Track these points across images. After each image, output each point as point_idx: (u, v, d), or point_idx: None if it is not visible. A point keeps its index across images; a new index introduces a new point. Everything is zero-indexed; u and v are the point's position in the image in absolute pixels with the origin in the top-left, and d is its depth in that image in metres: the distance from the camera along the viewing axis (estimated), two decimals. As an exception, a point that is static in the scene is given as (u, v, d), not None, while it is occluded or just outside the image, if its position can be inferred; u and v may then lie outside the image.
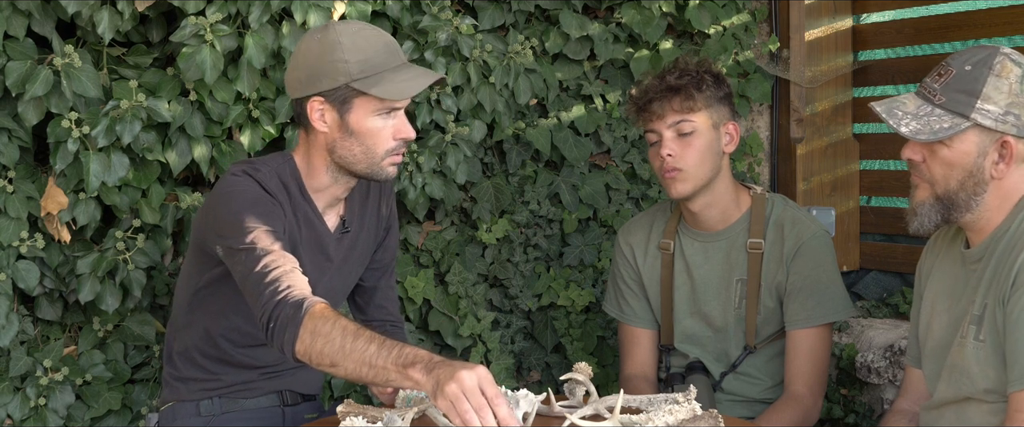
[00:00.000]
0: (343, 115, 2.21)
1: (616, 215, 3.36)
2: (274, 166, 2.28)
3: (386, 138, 2.23)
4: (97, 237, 2.80)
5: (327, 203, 2.35)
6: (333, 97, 2.20)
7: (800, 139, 3.55)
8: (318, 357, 1.93)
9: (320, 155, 2.27)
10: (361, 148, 2.23)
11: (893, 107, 2.05)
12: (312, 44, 2.22)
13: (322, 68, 2.19)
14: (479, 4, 3.22)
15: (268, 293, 2.01)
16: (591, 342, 3.32)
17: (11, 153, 2.62)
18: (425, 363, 1.84)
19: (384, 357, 1.87)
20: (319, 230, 2.33)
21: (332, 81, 2.18)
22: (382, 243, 2.54)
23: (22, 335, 2.74)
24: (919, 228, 2.08)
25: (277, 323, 1.98)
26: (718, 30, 3.44)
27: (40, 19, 2.62)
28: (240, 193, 2.19)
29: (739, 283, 2.66)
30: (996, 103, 1.97)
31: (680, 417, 1.93)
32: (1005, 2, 3.18)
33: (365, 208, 2.45)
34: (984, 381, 2.02)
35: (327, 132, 2.24)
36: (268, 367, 2.42)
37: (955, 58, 2.03)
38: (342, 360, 1.91)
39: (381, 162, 2.25)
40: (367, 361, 1.89)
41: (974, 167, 2.01)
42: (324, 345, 1.92)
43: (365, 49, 2.19)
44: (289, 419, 2.45)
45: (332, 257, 2.37)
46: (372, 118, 2.21)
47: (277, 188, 2.25)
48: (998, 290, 1.99)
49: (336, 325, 1.93)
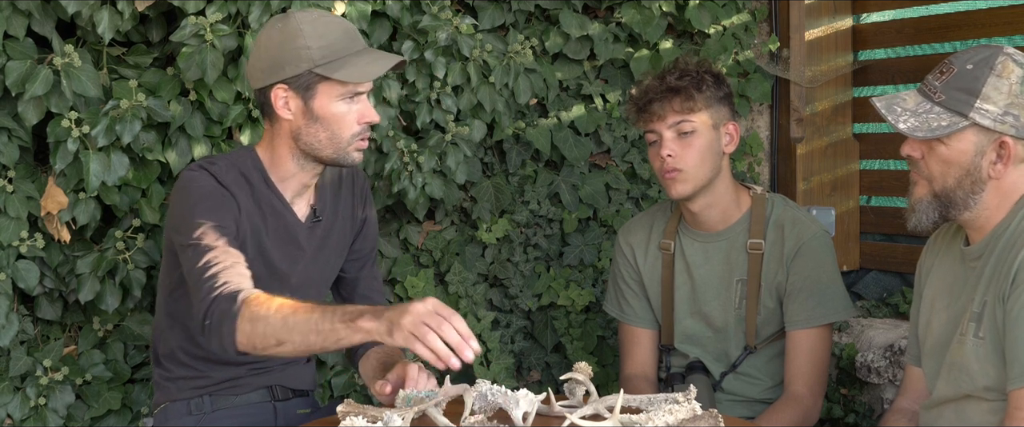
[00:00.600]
0: (307, 101, 2.24)
1: (616, 215, 3.36)
2: (233, 159, 2.31)
3: (351, 123, 2.26)
4: (97, 237, 2.80)
5: (295, 192, 2.36)
6: (296, 84, 2.23)
7: (800, 139, 3.55)
8: (262, 340, 1.95)
9: (285, 143, 2.29)
10: (326, 134, 2.26)
11: (893, 103, 2.05)
12: (273, 33, 2.25)
13: (284, 56, 2.22)
14: (479, 4, 3.22)
15: (205, 290, 2.05)
16: (591, 342, 3.32)
17: (11, 153, 2.62)
18: (372, 311, 1.88)
19: (330, 319, 1.90)
20: (288, 220, 2.35)
21: (295, 68, 2.21)
22: (360, 233, 2.55)
23: (22, 335, 2.74)
24: (917, 225, 2.09)
25: (213, 319, 2.01)
26: (718, 30, 3.44)
27: (40, 19, 2.62)
28: (191, 188, 2.22)
29: (739, 283, 2.66)
30: (995, 103, 1.97)
31: (680, 417, 1.92)
32: (1005, 2, 3.18)
33: (338, 197, 2.46)
34: (984, 379, 2.02)
35: (292, 119, 2.26)
36: (255, 362, 2.42)
37: (958, 57, 2.03)
38: (287, 335, 1.93)
39: (347, 147, 2.27)
40: (313, 328, 1.91)
41: (972, 166, 2.01)
42: (265, 327, 1.94)
43: (326, 35, 2.22)
44: (280, 414, 2.45)
45: (304, 246, 2.38)
46: (336, 103, 2.24)
47: (234, 180, 2.27)
48: (998, 287, 1.99)
49: (271, 304, 1.96)
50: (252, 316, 1.96)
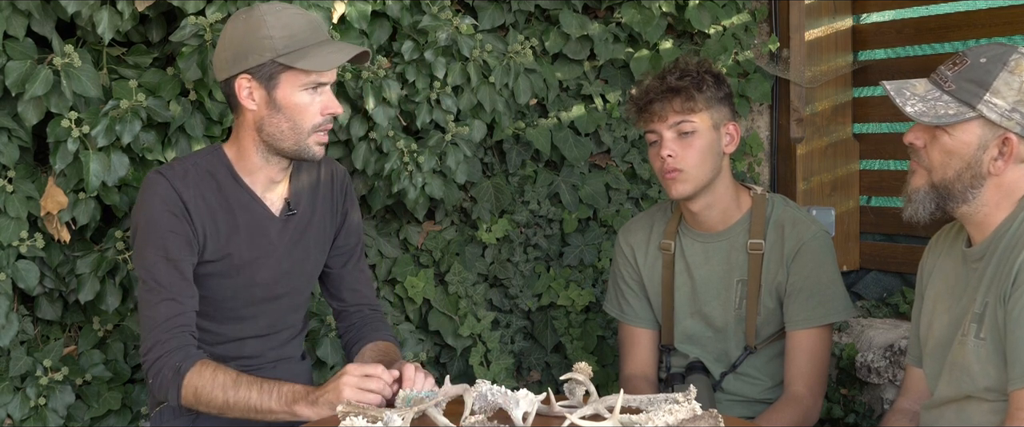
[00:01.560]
0: (270, 91, 2.26)
1: (616, 215, 3.36)
2: (198, 158, 2.36)
3: (313, 113, 2.29)
4: (97, 237, 2.80)
5: (264, 186, 2.37)
6: (260, 73, 2.25)
7: (800, 139, 3.55)
8: (206, 408, 2.18)
9: (249, 135, 2.32)
10: (288, 124, 2.28)
11: (903, 88, 2.06)
12: (238, 24, 2.28)
13: (248, 46, 2.24)
14: (479, 4, 3.22)
15: (151, 340, 2.22)
16: (591, 342, 3.32)
17: (11, 153, 2.62)
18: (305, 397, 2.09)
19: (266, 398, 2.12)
20: (257, 213, 2.36)
21: (258, 57, 2.24)
22: (342, 228, 2.55)
23: (22, 335, 2.74)
24: (912, 215, 2.08)
25: (158, 380, 2.20)
26: (718, 30, 3.44)
27: (40, 19, 2.62)
28: (146, 206, 2.29)
29: (739, 283, 2.66)
30: (1004, 98, 1.98)
31: (680, 417, 1.92)
32: (1005, 2, 3.18)
33: (316, 192, 2.47)
34: (985, 379, 2.02)
35: (255, 110, 2.29)
36: (247, 358, 2.42)
37: (973, 50, 2.04)
38: (228, 410, 2.15)
39: (307, 139, 2.30)
40: (252, 407, 2.13)
41: (973, 159, 2.01)
42: (209, 399, 2.16)
43: (289, 25, 2.24)
44: None
45: (275, 240, 2.39)
46: (299, 93, 2.27)
47: (196, 181, 2.30)
48: (999, 288, 1.99)
49: (215, 381, 2.16)
50: (195, 389, 2.17)
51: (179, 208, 2.27)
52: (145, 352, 2.23)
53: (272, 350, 2.46)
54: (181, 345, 2.21)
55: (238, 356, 2.42)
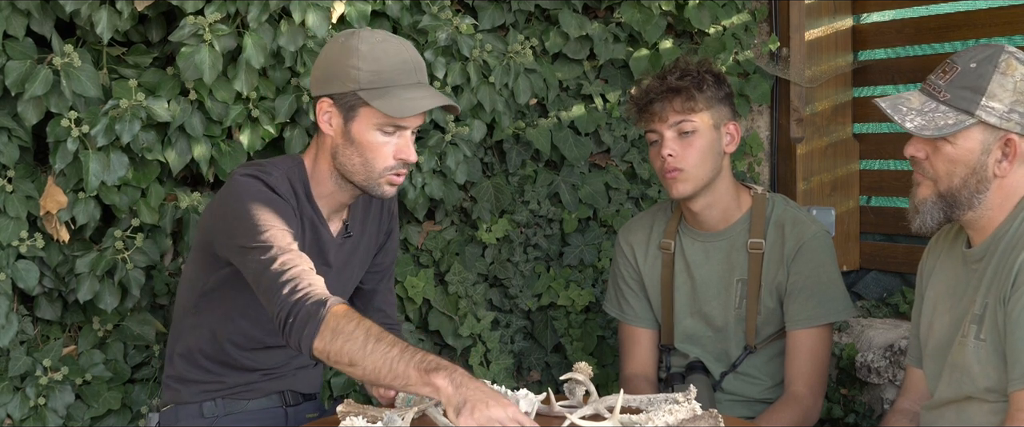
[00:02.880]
0: (347, 122, 2.22)
1: (616, 215, 3.36)
2: (284, 169, 2.28)
3: (386, 155, 2.23)
4: (96, 237, 2.79)
5: (332, 209, 2.35)
6: (341, 102, 2.21)
7: (800, 139, 3.55)
8: (337, 355, 1.94)
9: (325, 159, 2.28)
10: (360, 160, 2.23)
11: (898, 103, 2.06)
12: (334, 46, 2.24)
13: (335, 71, 2.20)
14: (479, 4, 3.22)
15: (287, 291, 2.01)
16: (591, 342, 3.31)
17: (11, 153, 2.62)
18: (449, 372, 1.85)
19: (407, 361, 1.89)
20: (322, 236, 2.33)
21: (342, 86, 2.19)
22: (383, 247, 2.54)
23: (22, 335, 2.74)
24: (921, 226, 2.08)
25: (297, 319, 1.98)
26: (718, 30, 3.44)
27: (39, 19, 2.62)
28: (252, 194, 2.18)
29: (739, 283, 2.66)
30: (1001, 101, 1.98)
31: (680, 417, 1.92)
32: (1005, 2, 3.18)
33: (368, 213, 2.46)
34: (985, 380, 2.02)
35: (332, 136, 2.25)
36: (270, 369, 2.42)
37: (960, 56, 2.04)
38: (362, 359, 1.91)
39: (378, 179, 2.25)
40: (388, 362, 1.90)
41: (977, 164, 2.01)
42: (345, 343, 1.93)
43: (381, 60, 2.18)
44: (291, 419, 2.46)
45: (331, 263, 2.37)
46: (374, 132, 2.21)
47: (287, 192, 2.24)
48: (999, 289, 1.99)
49: (360, 325, 1.94)
50: (335, 328, 1.95)
51: (286, 205, 2.21)
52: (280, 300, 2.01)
53: (295, 358, 2.45)
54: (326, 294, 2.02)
55: (265, 366, 2.42)
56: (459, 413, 1.80)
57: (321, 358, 1.97)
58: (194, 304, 2.38)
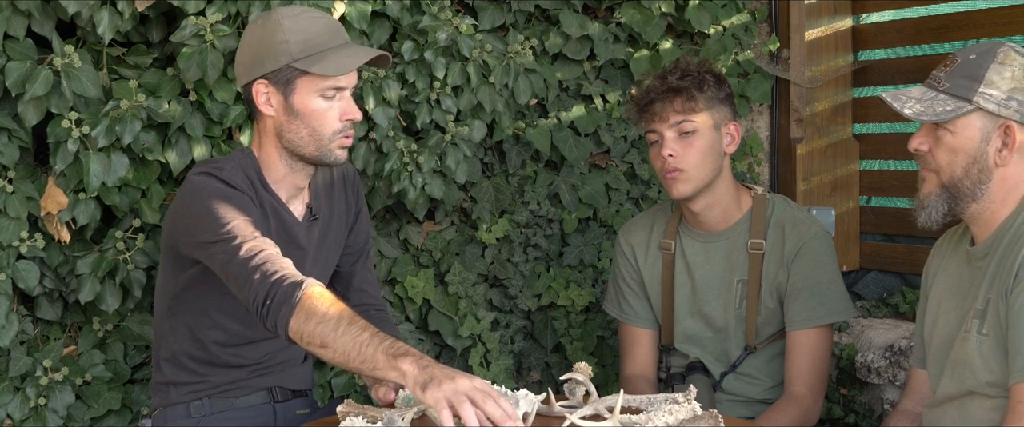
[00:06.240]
0: (288, 97, 2.24)
1: (616, 215, 3.36)
2: (237, 162, 2.29)
3: (332, 119, 2.25)
4: (97, 237, 2.79)
5: (289, 193, 2.35)
6: (276, 78, 2.23)
7: (800, 139, 3.55)
8: (310, 336, 1.94)
9: (271, 142, 2.29)
10: (308, 130, 2.25)
11: (899, 94, 2.10)
12: (255, 29, 2.26)
13: (265, 50, 2.22)
14: (479, 4, 3.22)
15: (258, 276, 2.02)
16: (591, 342, 3.32)
17: (11, 153, 2.62)
18: (416, 358, 1.85)
19: (375, 345, 1.88)
20: (287, 220, 2.34)
21: (274, 62, 2.21)
22: (353, 228, 2.54)
23: (22, 335, 2.74)
24: (926, 221, 2.10)
25: (274, 300, 1.98)
26: (718, 30, 3.44)
27: (40, 19, 2.62)
28: (209, 191, 2.19)
29: (740, 283, 2.66)
30: (999, 88, 2.00)
31: (680, 417, 1.92)
32: (1005, 2, 3.18)
33: (331, 195, 2.46)
34: (987, 375, 2.03)
35: (274, 116, 2.26)
36: (257, 365, 2.42)
37: (961, 51, 2.09)
38: (333, 341, 1.91)
39: (329, 144, 2.26)
40: (358, 345, 1.90)
41: (978, 153, 2.03)
42: (318, 324, 1.93)
43: (306, 29, 2.21)
44: (280, 415, 2.45)
45: (304, 246, 2.38)
46: (316, 98, 2.23)
47: (243, 183, 2.25)
48: (1001, 284, 2.00)
49: (333, 306, 1.95)
50: (310, 309, 1.95)
51: (245, 198, 2.21)
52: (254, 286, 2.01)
53: (281, 352, 2.45)
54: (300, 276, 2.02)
55: (251, 362, 2.41)
56: (426, 389, 1.80)
57: (296, 339, 1.97)
58: (168, 307, 2.39)
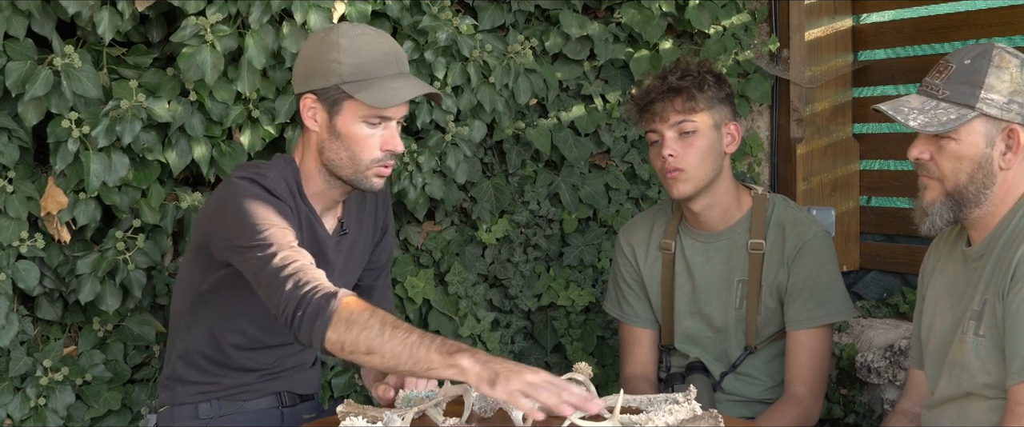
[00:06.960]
0: (332, 117, 2.22)
1: (616, 215, 3.36)
2: (279, 169, 2.28)
3: (372, 147, 2.23)
4: (97, 237, 2.79)
5: (324, 206, 2.34)
6: (324, 97, 2.21)
7: (800, 139, 3.55)
8: (353, 345, 1.93)
9: (313, 156, 2.28)
10: (347, 153, 2.23)
11: (899, 105, 2.08)
12: (314, 42, 2.24)
13: (317, 67, 2.20)
14: (479, 4, 3.22)
15: (290, 286, 2.01)
16: (591, 342, 3.32)
17: (11, 153, 2.62)
18: (471, 353, 1.85)
19: (427, 345, 1.88)
20: (319, 234, 2.33)
21: (324, 80, 2.20)
22: (379, 243, 2.54)
23: (22, 335, 2.74)
24: (931, 228, 2.09)
25: (306, 312, 1.96)
26: (718, 30, 3.44)
27: (40, 19, 2.62)
28: (250, 196, 2.17)
29: (740, 283, 2.66)
30: (999, 92, 2.00)
31: (680, 417, 1.93)
32: (1005, 2, 3.18)
33: (362, 209, 2.46)
34: (984, 376, 2.03)
35: (318, 132, 2.25)
36: (267, 369, 2.42)
37: (953, 55, 2.07)
38: (380, 347, 1.90)
39: (366, 171, 2.25)
40: (408, 348, 1.89)
41: (983, 158, 2.03)
42: (361, 332, 1.92)
43: (362, 53, 2.19)
44: (288, 420, 2.45)
45: (331, 260, 2.36)
46: (359, 124, 2.21)
47: (284, 192, 2.24)
48: (998, 284, 2.00)
49: (375, 314, 1.94)
50: (350, 318, 1.94)
51: (285, 206, 2.21)
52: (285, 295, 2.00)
53: (292, 357, 2.46)
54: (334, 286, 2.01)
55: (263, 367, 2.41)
56: (494, 385, 1.79)
57: (333, 350, 1.96)
58: (190, 305, 2.38)
